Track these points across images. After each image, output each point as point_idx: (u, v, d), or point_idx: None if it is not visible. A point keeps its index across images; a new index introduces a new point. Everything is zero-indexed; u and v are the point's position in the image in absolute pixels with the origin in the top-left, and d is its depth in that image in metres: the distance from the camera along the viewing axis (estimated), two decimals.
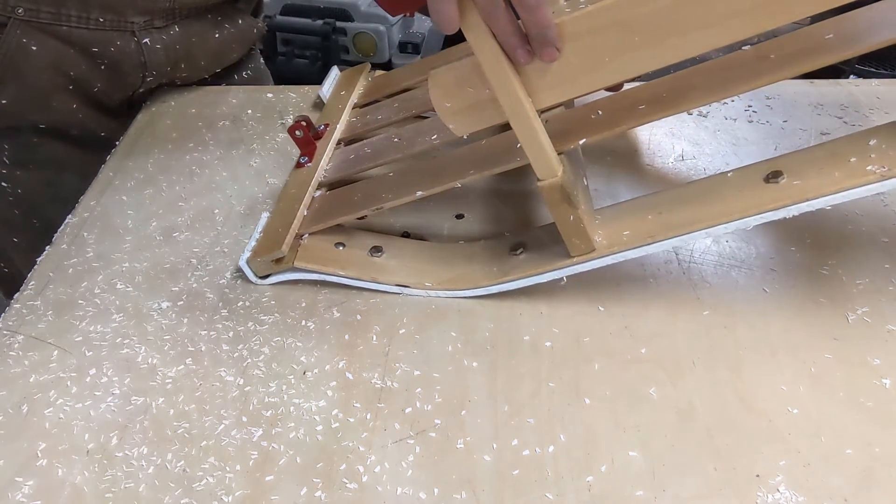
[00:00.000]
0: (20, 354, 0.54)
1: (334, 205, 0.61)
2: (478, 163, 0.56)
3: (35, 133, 0.78)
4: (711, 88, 0.50)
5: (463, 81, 0.49)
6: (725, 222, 0.49)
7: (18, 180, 0.80)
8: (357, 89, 0.77)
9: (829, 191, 0.47)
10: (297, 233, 0.59)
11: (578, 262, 0.53)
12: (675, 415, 0.47)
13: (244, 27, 0.86)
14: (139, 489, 0.45)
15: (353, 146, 0.68)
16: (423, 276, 0.58)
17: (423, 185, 0.57)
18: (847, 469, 0.43)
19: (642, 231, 0.52)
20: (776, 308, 0.54)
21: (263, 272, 0.58)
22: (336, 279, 0.58)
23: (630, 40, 0.45)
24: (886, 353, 0.50)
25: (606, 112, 0.53)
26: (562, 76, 0.47)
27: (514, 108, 0.48)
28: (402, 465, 0.45)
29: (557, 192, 0.50)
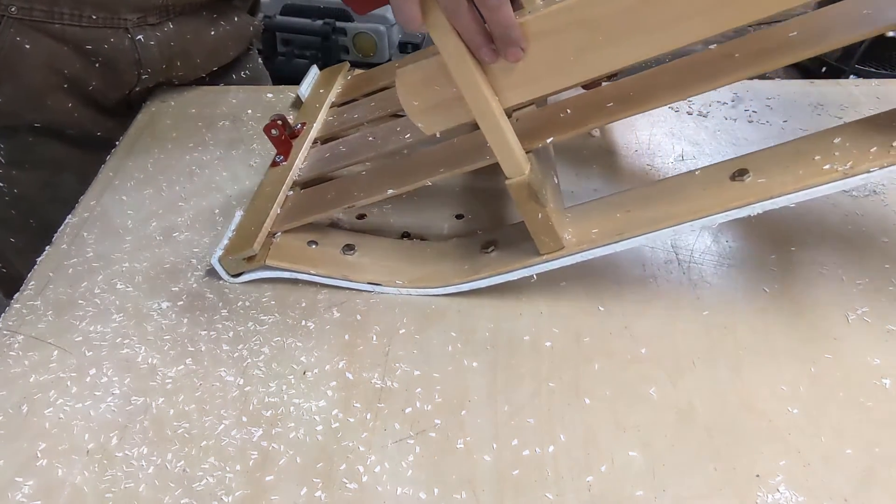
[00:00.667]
0: (20, 354, 0.54)
1: (307, 203, 0.61)
2: (448, 161, 0.56)
3: (31, 133, 0.78)
4: (677, 86, 0.50)
5: (430, 80, 0.49)
6: (692, 220, 0.49)
7: (15, 180, 0.80)
8: (335, 88, 0.77)
9: (792, 188, 0.47)
10: (270, 231, 0.59)
11: (548, 260, 0.53)
12: (675, 415, 0.47)
13: (240, 25, 0.86)
14: (139, 489, 0.45)
15: (329, 145, 0.68)
16: (394, 273, 0.58)
17: (394, 184, 0.57)
18: (847, 469, 0.43)
19: (611, 228, 0.52)
20: (776, 308, 0.54)
21: (235, 270, 0.58)
22: (308, 277, 0.58)
23: (593, 39, 0.45)
24: (886, 353, 0.50)
25: (575, 110, 0.54)
26: (527, 75, 0.47)
27: (480, 107, 0.48)
28: (402, 465, 0.45)
29: (525, 190, 0.50)
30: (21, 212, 0.81)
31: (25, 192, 0.80)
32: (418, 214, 0.65)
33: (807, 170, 0.48)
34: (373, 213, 0.66)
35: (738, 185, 0.50)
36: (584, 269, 0.57)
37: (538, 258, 0.54)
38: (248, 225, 0.59)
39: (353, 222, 0.65)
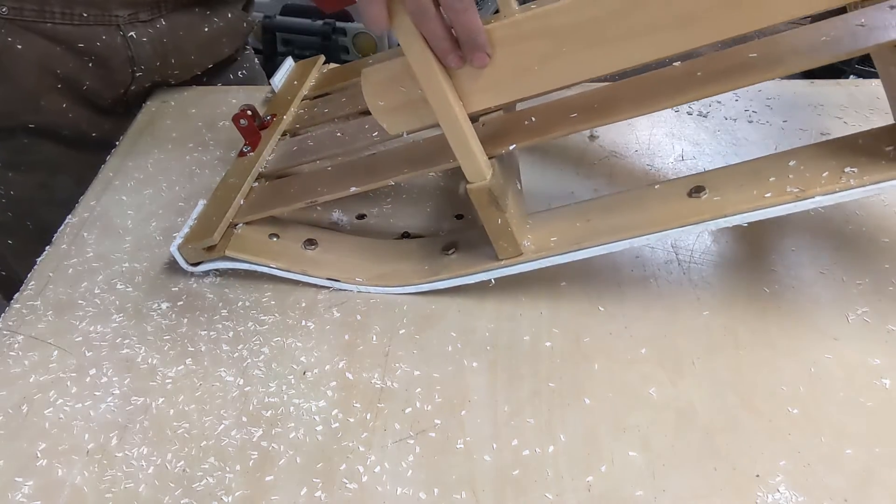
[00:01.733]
0: (20, 354, 0.54)
1: (270, 196, 0.61)
2: (413, 161, 0.56)
3: (26, 134, 0.78)
4: (640, 101, 0.51)
5: (395, 80, 0.49)
6: (649, 232, 0.50)
7: (11, 182, 0.80)
8: (309, 81, 0.77)
9: (745, 208, 0.48)
10: (232, 222, 0.59)
11: (506, 266, 0.54)
12: (675, 415, 0.47)
13: (234, 21, 0.86)
14: (139, 489, 0.45)
15: (297, 138, 0.68)
16: (354, 270, 0.58)
17: (357, 182, 0.57)
18: (847, 469, 0.43)
19: (570, 237, 0.53)
20: (776, 308, 0.54)
21: (194, 259, 0.58)
22: (267, 270, 0.58)
23: (557, 49, 0.46)
24: (886, 353, 0.50)
25: (540, 118, 0.54)
26: (492, 81, 0.48)
27: (443, 111, 0.48)
28: (402, 465, 0.45)
29: (485, 196, 0.50)
30: (17, 214, 0.81)
31: (21, 195, 0.80)
32: (419, 214, 0.65)
33: (761, 190, 0.49)
34: (372, 213, 0.66)
35: (695, 201, 0.51)
36: (584, 270, 0.57)
37: (497, 263, 0.54)
38: (210, 214, 0.59)
39: (353, 222, 0.65)
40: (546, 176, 0.67)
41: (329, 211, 0.66)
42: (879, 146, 0.48)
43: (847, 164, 0.48)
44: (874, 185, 0.46)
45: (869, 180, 0.46)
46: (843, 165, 0.48)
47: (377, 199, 0.68)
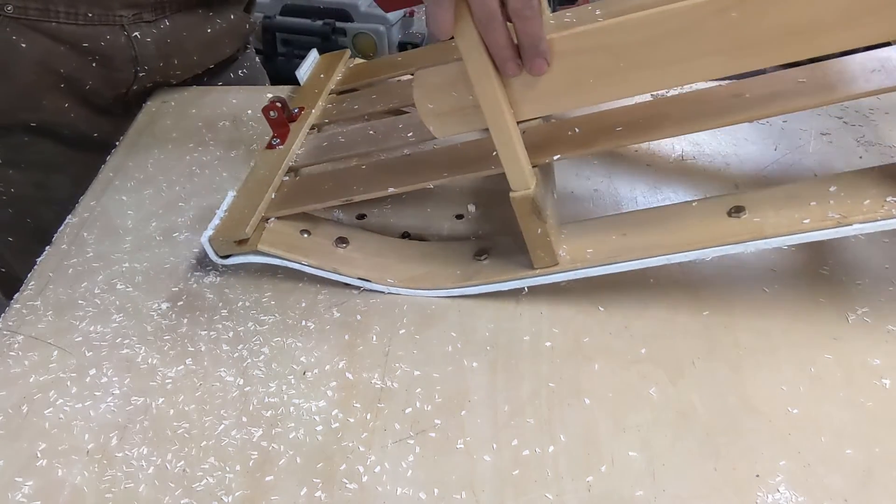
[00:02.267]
0: (20, 355, 0.54)
1: (303, 191, 0.60)
2: (452, 165, 0.56)
3: (26, 132, 0.78)
4: (685, 120, 0.51)
5: (448, 85, 0.49)
6: (686, 251, 0.50)
7: (10, 180, 0.80)
8: (335, 76, 0.76)
9: (786, 231, 0.48)
10: (263, 216, 0.58)
11: (541, 275, 0.54)
12: (675, 415, 0.47)
13: (236, 22, 0.86)
14: (139, 489, 0.45)
15: (327, 133, 0.67)
16: (385, 271, 0.58)
17: (394, 182, 0.57)
18: (847, 469, 0.43)
19: (605, 250, 0.53)
20: (776, 308, 0.54)
21: (225, 252, 0.57)
22: (298, 266, 0.57)
23: (615, 65, 0.46)
24: (886, 354, 0.50)
25: (584, 130, 0.54)
26: (545, 91, 0.48)
27: (495, 119, 0.48)
28: (402, 465, 0.45)
29: (528, 205, 0.50)
30: (17, 212, 0.81)
31: (21, 193, 0.80)
32: (419, 215, 0.65)
33: (801, 214, 0.49)
34: (373, 213, 0.66)
35: (735, 221, 0.50)
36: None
37: (531, 272, 0.54)
38: (242, 207, 0.58)
39: (352, 221, 0.65)
40: None
41: (329, 210, 0.66)
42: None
43: (888, 193, 0.48)
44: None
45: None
46: (884, 194, 0.48)
47: (377, 199, 0.68)
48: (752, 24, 0.43)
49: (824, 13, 0.42)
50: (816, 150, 0.66)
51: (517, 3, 0.43)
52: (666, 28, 0.44)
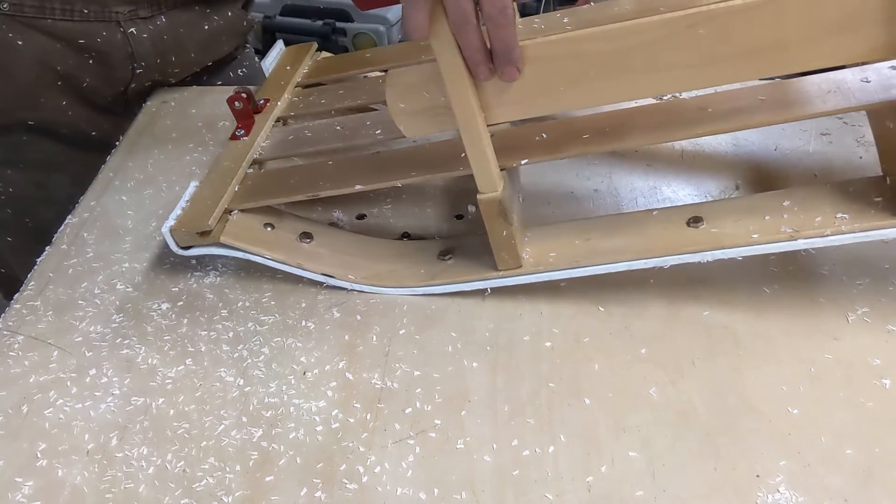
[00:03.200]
0: (20, 355, 0.54)
1: (268, 185, 0.60)
2: (421, 165, 0.56)
3: (25, 131, 0.78)
4: (651, 130, 0.52)
5: (420, 85, 0.50)
6: (647, 258, 0.52)
7: (9, 180, 0.80)
8: (302, 68, 0.76)
9: (742, 242, 0.50)
10: (227, 208, 0.58)
11: (504, 277, 0.55)
12: (675, 415, 0.47)
13: (234, 19, 0.86)
14: (139, 489, 0.45)
15: (293, 127, 0.67)
16: (349, 268, 0.58)
17: (363, 179, 0.57)
18: (847, 469, 0.43)
19: (569, 254, 0.54)
20: (776, 308, 0.54)
21: (186, 243, 0.57)
22: (260, 260, 0.57)
23: (586, 73, 0.47)
24: (886, 354, 0.50)
25: (551, 136, 0.55)
26: (517, 96, 0.49)
27: (466, 121, 0.49)
28: (402, 465, 0.45)
29: (495, 207, 0.51)
30: (16, 212, 0.81)
31: (20, 192, 0.80)
32: (419, 215, 0.65)
33: (756, 226, 0.51)
34: (373, 213, 0.66)
35: (694, 231, 0.52)
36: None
37: (495, 273, 0.55)
38: (205, 198, 0.58)
39: (353, 222, 0.65)
40: (546, 176, 0.67)
41: (329, 210, 0.66)
42: (869, 196, 0.51)
43: (839, 210, 0.50)
44: (864, 232, 0.49)
45: (859, 227, 0.49)
46: (835, 211, 0.50)
47: (377, 199, 0.68)
48: (719, 41, 0.45)
49: (786, 35, 0.44)
50: (816, 150, 0.66)
51: (492, 10, 0.44)
52: (638, 40, 0.45)
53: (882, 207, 0.50)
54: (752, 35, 0.44)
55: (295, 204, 0.67)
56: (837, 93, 0.50)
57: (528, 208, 0.65)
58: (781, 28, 0.44)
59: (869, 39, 0.44)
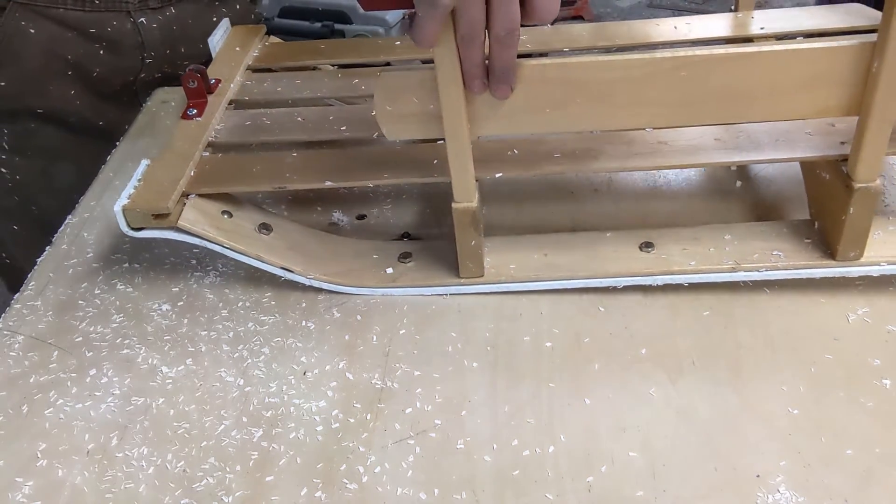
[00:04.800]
0: (20, 355, 0.54)
1: (229, 171, 0.58)
2: (394, 167, 0.56)
3: (33, 119, 0.78)
4: (615, 157, 0.55)
5: (411, 90, 0.50)
6: (602, 277, 0.55)
7: (16, 167, 0.80)
8: (252, 51, 0.74)
9: (690, 270, 0.55)
10: (184, 191, 0.56)
11: (466, 284, 0.56)
12: (675, 415, 0.47)
13: (242, 12, 0.87)
14: (139, 489, 0.45)
15: (249, 112, 0.65)
16: (309, 264, 0.58)
17: (333, 176, 0.56)
18: (847, 469, 0.43)
19: (528, 267, 0.56)
20: (776, 308, 0.54)
21: (139, 224, 0.54)
22: (217, 248, 0.55)
23: (572, 98, 0.49)
24: (886, 354, 0.50)
25: (522, 152, 0.56)
26: (505, 113, 0.50)
27: (454, 130, 0.50)
28: (403, 465, 0.45)
29: (469, 217, 0.53)
30: (22, 200, 0.82)
31: (26, 180, 0.81)
32: (419, 216, 0.65)
33: (702, 256, 0.55)
34: (373, 213, 0.66)
35: (646, 255, 0.56)
36: None
37: (456, 280, 0.56)
38: (160, 179, 0.56)
39: (353, 222, 0.65)
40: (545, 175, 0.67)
41: (329, 211, 0.66)
42: (800, 237, 0.56)
43: (775, 248, 0.55)
44: (795, 270, 0.54)
45: (792, 265, 0.54)
46: (771, 248, 0.55)
47: (377, 199, 0.68)
48: (698, 85, 0.48)
49: (756, 87, 0.48)
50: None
51: (501, 31, 0.44)
52: (625, 74, 0.48)
53: (811, 248, 0.55)
54: (727, 83, 0.48)
55: (293, 203, 0.68)
56: (785, 142, 0.54)
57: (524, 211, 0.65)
58: (754, 80, 0.48)
59: (827, 99, 0.49)
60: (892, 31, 0.44)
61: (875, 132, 0.48)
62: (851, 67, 0.47)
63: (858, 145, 0.49)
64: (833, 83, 0.48)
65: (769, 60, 0.48)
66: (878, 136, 0.49)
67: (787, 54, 0.47)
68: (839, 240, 0.53)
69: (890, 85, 0.46)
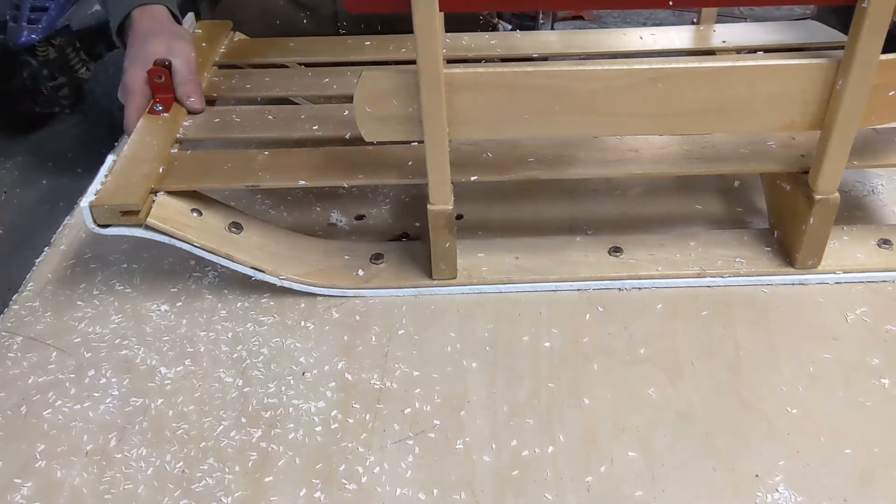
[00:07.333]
0: (19, 356, 0.54)
1: (199, 168, 0.58)
2: (368, 168, 0.56)
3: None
4: (588, 164, 0.56)
5: (391, 92, 0.50)
6: (572, 281, 0.57)
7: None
8: (219, 48, 0.74)
9: (656, 275, 0.56)
10: (152, 188, 0.54)
11: (439, 286, 0.57)
12: (674, 415, 0.47)
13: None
14: (138, 490, 0.45)
15: (218, 109, 0.65)
16: (280, 264, 0.57)
17: (306, 175, 0.56)
18: (846, 469, 0.43)
19: (500, 271, 0.57)
20: (776, 308, 0.54)
21: (106, 221, 0.53)
22: (185, 247, 0.54)
23: (552, 106, 0.51)
24: (885, 354, 0.50)
25: (496, 156, 0.57)
26: (485, 118, 0.51)
27: (433, 134, 0.50)
28: (402, 465, 0.45)
29: (445, 219, 0.54)
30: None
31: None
32: (419, 216, 0.65)
33: (668, 262, 0.57)
34: (371, 213, 0.66)
35: (615, 259, 0.58)
36: None
37: (430, 282, 0.57)
38: (128, 175, 0.54)
39: (351, 223, 0.65)
40: None
41: (328, 211, 0.66)
42: (760, 245, 0.58)
43: (737, 256, 0.57)
44: (757, 276, 0.56)
45: (754, 272, 0.56)
46: (734, 255, 0.57)
47: (375, 200, 0.68)
48: (673, 97, 0.49)
49: (728, 100, 0.50)
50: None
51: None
52: (605, 84, 0.49)
53: (771, 256, 0.57)
54: (701, 96, 0.49)
55: (293, 203, 0.67)
56: (749, 154, 0.56)
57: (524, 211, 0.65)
58: (726, 94, 0.49)
59: (793, 114, 0.50)
60: (857, 51, 0.46)
61: (836, 147, 0.50)
62: (817, 84, 0.49)
63: (820, 159, 0.51)
64: (799, 99, 0.50)
65: (742, 75, 0.49)
66: (839, 150, 0.51)
67: (760, 70, 0.49)
68: (798, 249, 0.55)
69: (853, 102, 0.48)
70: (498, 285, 0.57)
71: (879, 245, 0.57)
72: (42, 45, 1.89)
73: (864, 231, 0.59)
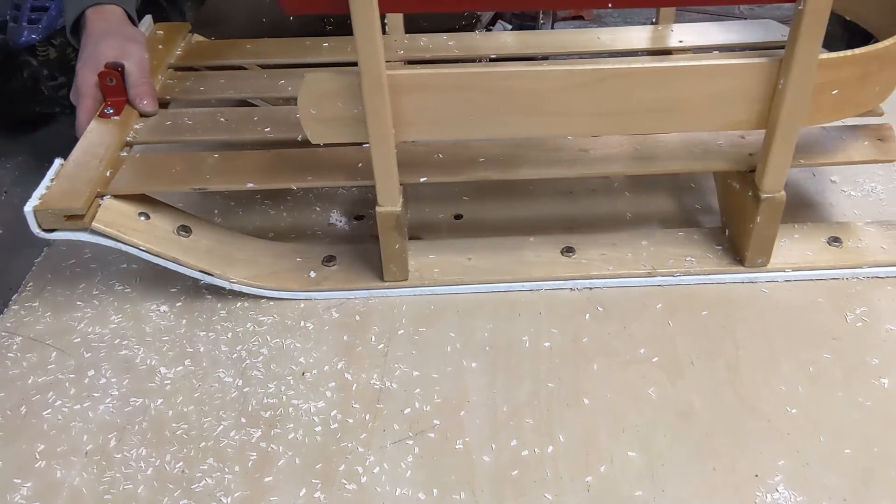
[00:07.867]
0: (18, 356, 0.54)
1: (147, 171, 0.57)
2: (318, 170, 0.56)
3: None
4: (539, 164, 0.57)
5: (336, 94, 0.50)
6: (524, 281, 0.57)
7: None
8: (175, 50, 0.73)
9: (608, 274, 0.56)
10: (99, 192, 0.54)
11: (390, 287, 0.57)
12: (674, 415, 0.47)
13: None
14: (138, 490, 0.45)
15: (170, 111, 0.64)
16: (229, 267, 0.57)
17: (255, 178, 0.56)
18: (846, 469, 0.43)
19: (453, 272, 0.58)
20: (776, 308, 0.54)
21: (50, 226, 0.52)
22: (133, 251, 0.54)
23: (499, 107, 0.51)
24: (885, 353, 0.50)
25: (447, 156, 0.57)
26: (431, 119, 0.51)
27: (379, 135, 0.50)
28: (402, 465, 0.45)
29: (393, 221, 0.54)
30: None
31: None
32: (418, 215, 0.65)
33: (620, 261, 0.57)
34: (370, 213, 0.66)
35: (567, 259, 0.58)
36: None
37: (381, 284, 0.57)
38: (73, 179, 0.54)
39: (350, 223, 0.65)
40: None
41: (327, 211, 0.66)
42: (711, 244, 0.58)
43: (688, 254, 0.57)
44: (707, 275, 0.56)
45: (704, 271, 0.56)
46: (685, 254, 0.57)
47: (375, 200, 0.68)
48: (622, 96, 0.49)
49: (676, 99, 0.50)
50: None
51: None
52: (553, 84, 0.49)
53: (722, 255, 0.57)
54: (647, 96, 0.50)
55: (293, 203, 0.67)
56: (698, 153, 0.56)
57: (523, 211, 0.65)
58: (672, 93, 0.49)
59: (738, 113, 0.50)
60: (797, 51, 0.46)
61: (781, 145, 0.50)
62: (760, 83, 0.49)
63: (765, 157, 0.51)
64: (743, 98, 0.50)
65: (686, 74, 0.49)
66: (784, 149, 0.51)
67: (703, 69, 0.49)
68: (747, 247, 0.55)
69: (795, 100, 0.48)
70: (451, 286, 0.57)
71: (829, 243, 0.57)
72: (42, 45, 1.89)
73: (814, 229, 0.59)
